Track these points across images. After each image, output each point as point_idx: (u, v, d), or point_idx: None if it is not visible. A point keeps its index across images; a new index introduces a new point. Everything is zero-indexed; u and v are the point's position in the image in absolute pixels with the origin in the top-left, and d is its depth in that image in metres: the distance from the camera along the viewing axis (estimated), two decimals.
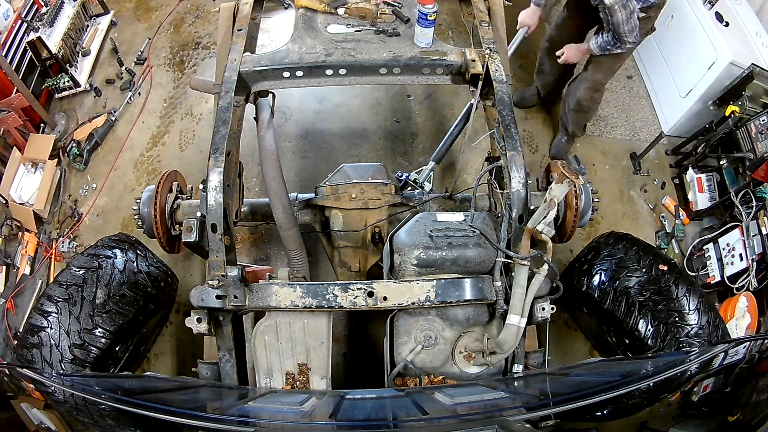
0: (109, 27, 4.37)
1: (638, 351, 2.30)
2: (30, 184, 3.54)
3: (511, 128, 2.17)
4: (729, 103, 3.26)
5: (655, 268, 2.35)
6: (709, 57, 3.41)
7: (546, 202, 1.93)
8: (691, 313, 2.24)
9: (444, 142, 3.13)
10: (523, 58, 4.11)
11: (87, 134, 3.78)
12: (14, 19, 3.69)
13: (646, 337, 2.24)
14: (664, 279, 2.31)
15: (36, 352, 2.17)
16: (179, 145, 3.80)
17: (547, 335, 2.16)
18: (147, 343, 2.88)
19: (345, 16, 2.63)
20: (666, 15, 3.83)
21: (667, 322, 2.22)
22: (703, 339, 2.18)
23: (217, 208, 2.04)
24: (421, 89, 4.02)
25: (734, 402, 1.52)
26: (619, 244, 2.50)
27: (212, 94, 2.59)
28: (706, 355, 1.80)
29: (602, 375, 2.14)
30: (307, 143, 3.75)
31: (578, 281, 2.50)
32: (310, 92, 3.96)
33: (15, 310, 3.22)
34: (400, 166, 3.62)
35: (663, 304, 2.26)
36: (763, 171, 3.04)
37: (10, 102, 3.46)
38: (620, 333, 2.44)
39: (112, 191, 3.65)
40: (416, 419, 1.56)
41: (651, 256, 2.41)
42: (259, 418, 1.69)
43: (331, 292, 1.96)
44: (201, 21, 4.46)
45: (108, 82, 4.12)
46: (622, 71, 4.34)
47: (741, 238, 3.05)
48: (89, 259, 2.38)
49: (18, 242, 3.45)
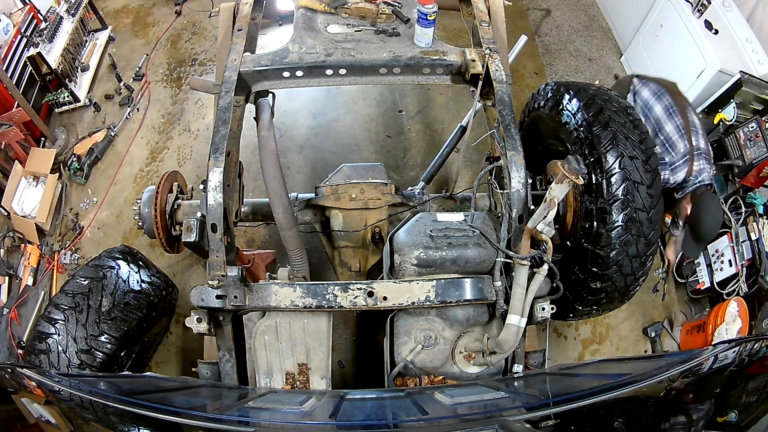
0: (107, 42, 4.44)
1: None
2: (32, 197, 3.62)
3: (511, 128, 2.17)
4: (718, 111, 3.29)
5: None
6: (697, 65, 3.45)
7: (546, 202, 1.93)
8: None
9: (434, 163, 3.15)
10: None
11: (87, 149, 3.86)
12: (14, 34, 3.77)
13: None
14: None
15: (44, 358, 2.26)
16: (177, 160, 3.86)
17: (547, 335, 2.16)
18: (149, 351, 2.94)
19: (345, 16, 2.63)
20: (655, 24, 3.87)
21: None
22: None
23: (217, 208, 2.04)
24: (413, 104, 4.07)
25: (724, 404, 1.52)
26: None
27: (212, 94, 2.60)
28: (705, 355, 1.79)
29: (602, 375, 2.14)
30: (301, 158, 3.81)
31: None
32: (304, 108, 4.04)
33: (18, 320, 3.27)
34: (392, 180, 3.64)
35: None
36: (753, 177, 3.08)
37: (11, 116, 3.52)
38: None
39: (112, 205, 3.71)
40: (416, 419, 1.56)
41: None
42: (259, 418, 1.69)
43: (331, 292, 1.96)
44: (197, 38, 4.52)
45: (107, 98, 4.19)
46: (612, 81, 4.39)
47: (730, 244, 3.11)
48: (94, 270, 2.49)
49: (20, 254, 3.52)
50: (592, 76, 4.43)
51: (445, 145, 3.15)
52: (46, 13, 4.05)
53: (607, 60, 4.60)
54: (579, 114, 2.32)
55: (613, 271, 2.22)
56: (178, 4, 4.68)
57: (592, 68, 4.54)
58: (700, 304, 3.42)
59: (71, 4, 4.12)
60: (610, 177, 2.15)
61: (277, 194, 2.30)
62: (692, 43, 3.48)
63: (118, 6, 4.77)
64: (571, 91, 2.43)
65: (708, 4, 3.49)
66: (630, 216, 2.13)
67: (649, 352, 3.33)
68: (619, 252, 2.17)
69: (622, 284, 2.27)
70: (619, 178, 2.14)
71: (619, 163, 2.15)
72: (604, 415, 1.46)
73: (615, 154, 2.16)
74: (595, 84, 2.61)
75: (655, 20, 3.90)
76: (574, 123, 2.33)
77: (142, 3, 4.78)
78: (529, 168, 2.12)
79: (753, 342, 1.90)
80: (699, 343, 3.08)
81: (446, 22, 4.26)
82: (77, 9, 4.12)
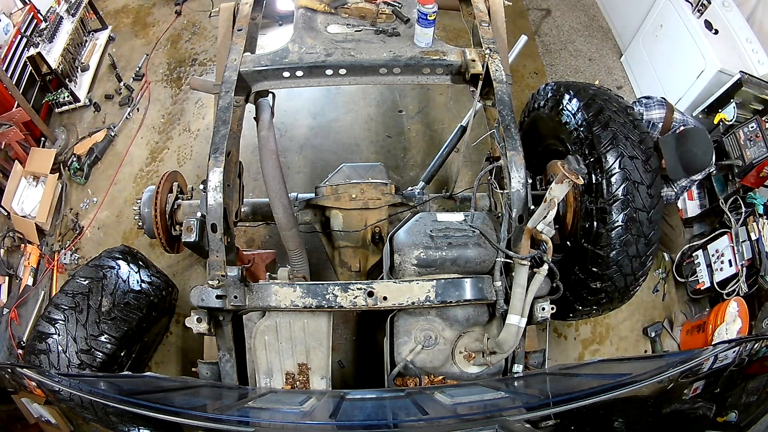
0: (107, 42, 4.45)
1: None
2: (32, 197, 3.62)
3: (511, 128, 2.17)
4: (718, 111, 3.29)
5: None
6: (697, 65, 3.44)
7: (546, 202, 1.93)
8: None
9: (434, 163, 3.15)
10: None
11: (87, 149, 3.86)
12: (14, 34, 3.77)
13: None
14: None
15: (44, 358, 2.26)
16: (177, 160, 3.86)
17: (547, 335, 2.16)
18: (149, 351, 2.94)
19: (345, 16, 2.63)
20: (655, 24, 3.86)
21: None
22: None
23: (217, 208, 2.04)
24: (413, 104, 4.06)
25: (724, 404, 1.52)
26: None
27: (212, 94, 2.60)
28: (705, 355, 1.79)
29: (602, 375, 2.14)
30: (301, 158, 3.81)
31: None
32: (304, 108, 4.03)
33: (18, 320, 3.27)
34: (392, 180, 3.65)
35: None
36: (753, 177, 3.08)
37: (11, 116, 3.52)
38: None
39: (112, 205, 3.71)
40: (416, 419, 1.56)
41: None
42: (259, 418, 1.69)
43: (331, 292, 1.96)
44: (197, 38, 4.52)
45: (107, 98, 4.19)
46: (612, 82, 4.39)
47: (730, 244, 3.11)
48: (94, 270, 2.49)
49: (20, 254, 3.52)
50: (592, 76, 4.43)
51: (445, 145, 3.15)
52: (46, 13, 4.06)
53: (607, 60, 4.60)
54: (579, 114, 2.33)
55: (613, 271, 2.22)
56: (178, 4, 4.68)
57: (592, 68, 4.54)
58: (700, 304, 3.42)
59: (71, 4, 4.13)
60: (610, 177, 2.15)
61: (277, 194, 2.30)
62: (692, 43, 3.48)
63: (118, 6, 4.77)
64: (571, 91, 2.43)
65: (708, 4, 3.49)
66: (630, 216, 2.13)
67: (649, 352, 3.33)
68: (619, 252, 2.17)
69: (622, 284, 2.27)
70: (619, 178, 2.14)
71: (619, 163, 2.15)
72: (604, 415, 1.46)
73: (615, 154, 2.16)
74: (595, 84, 2.61)
75: (655, 20, 3.90)
76: (574, 123, 2.33)
77: (142, 3, 4.78)
78: (529, 168, 2.12)
79: (753, 342, 1.91)
80: (699, 343, 3.08)
81: (446, 22, 4.26)
82: (77, 9, 4.13)
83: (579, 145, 2.28)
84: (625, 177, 2.13)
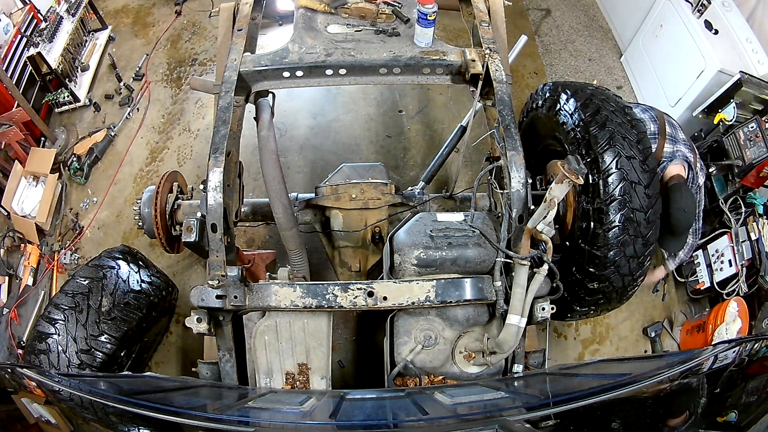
0: (107, 42, 4.44)
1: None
2: (32, 197, 3.61)
3: (511, 128, 2.17)
4: (718, 111, 3.29)
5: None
6: (697, 65, 3.44)
7: (546, 202, 1.93)
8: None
9: (434, 163, 3.15)
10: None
11: (87, 149, 3.85)
12: (14, 34, 3.77)
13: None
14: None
15: (44, 358, 2.26)
16: (177, 160, 3.86)
17: (547, 335, 2.16)
18: (149, 351, 2.94)
19: (345, 16, 2.63)
20: (655, 24, 3.86)
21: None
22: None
23: (217, 208, 2.04)
24: (413, 104, 4.06)
25: (724, 404, 1.52)
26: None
27: (212, 94, 2.59)
28: (705, 355, 1.79)
29: (602, 375, 2.14)
30: (301, 158, 3.81)
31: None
32: (304, 108, 4.03)
33: (18, 320, 3.27)
34: (392, 180, 3.66)
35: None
36: (753, 177, 3.08)
37: (11, 116, 3.52)
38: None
39: (112, 205, 3.71)
40: (416, 419, 1.56)
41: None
42: (259, 418, 1.69)
43: (331, 292, 1.96)
44: (197, 37, 4.52)
45: (107, 98, 4.18)
46: (612, 82, 4.38)
47: (730, 244, 3.11)
48: (94, 270, 2.49)
49: (20, 253, 3.52)
50: (592, 76, 4.43)
51: (445, 145, 3.15)
52: (46, 13, 4.06)
53: (607, 60, 4.60)
54: (576, 114, 2.32)
55: (611, 271, 2.21)
56: (178, 4, 4.68)
57: (592, 68, 4.54)
58: (700, 304, 3.42)
59: (71, 4, 4.13)
60: (607, 177, 2.14)
61: (277, 194, 2.30)
62: (692, 43, 3.48)
63: (118, 6, 4.77)
64: (568, 91, 2.43)
65: (708, 4, 3.49)
66: (627, 216, 2.13)
67: (649, 352, 3.33)
68: (616, 252, 2.16)
69: (620, 285, 2.26)
70: (616, 178, 2.13)
71: (616, 163, 2.14)
72: (604, 415, 1.46)
73: (612, 154, 2.15)
74: (592, 84, 2.61)
75: (655, 20, 3.90)
76: (571, 123, 2.33)
77: (142, 3, 4.78)
78: (528, 168, 2.12)
79: (753, 342, 1.91)
80: (699, 343, 3.08)
81: (446, 22, 4.26)
82: (77, 9, 4.13)
83: (576, 145, 2.27)
84: (622, 177, 2.13)
